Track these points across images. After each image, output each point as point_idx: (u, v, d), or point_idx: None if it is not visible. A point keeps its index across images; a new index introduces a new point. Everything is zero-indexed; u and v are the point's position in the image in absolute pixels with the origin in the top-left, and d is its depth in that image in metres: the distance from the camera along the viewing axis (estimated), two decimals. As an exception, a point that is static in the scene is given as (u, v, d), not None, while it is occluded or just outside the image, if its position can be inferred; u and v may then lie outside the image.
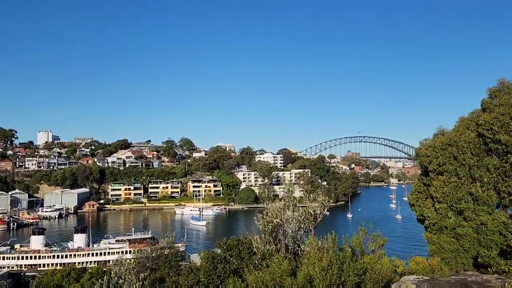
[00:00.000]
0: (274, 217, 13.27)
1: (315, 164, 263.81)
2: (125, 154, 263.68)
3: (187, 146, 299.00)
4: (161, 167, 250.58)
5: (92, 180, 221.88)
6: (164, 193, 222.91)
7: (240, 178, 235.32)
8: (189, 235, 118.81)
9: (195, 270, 15.94)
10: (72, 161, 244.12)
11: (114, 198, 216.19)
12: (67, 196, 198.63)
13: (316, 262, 10.54)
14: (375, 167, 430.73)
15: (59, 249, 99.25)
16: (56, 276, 44.91)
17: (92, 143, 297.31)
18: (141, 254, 53.24)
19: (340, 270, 10.53)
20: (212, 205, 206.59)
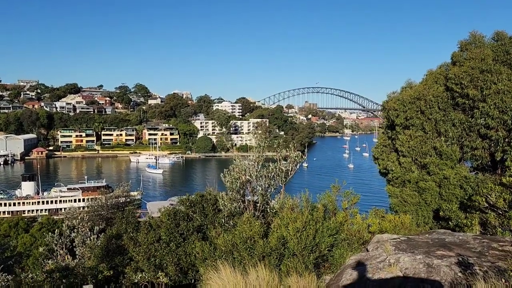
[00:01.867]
0: (242, 173, 12.28)
1: (273, 114, 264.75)
2: (75, 99, 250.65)
3: (142, 93, 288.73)
4: (114, 113, 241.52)
5: (40, 125, 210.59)
6: (118, 140, 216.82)
7: (198, 127, 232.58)
8: (145, 183, 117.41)
9: (155, 226, 14.92)
10: (16, 105, 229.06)
11: (65, 145, 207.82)
12: (12, 142, 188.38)
13: (290, 223, 9.77)
14: (331, 118, 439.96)
15: (6, 197, 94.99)
16: (2, 226, 42.75)
17: (38, 86, 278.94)
18: (96, 203, 51.82)
19: (314, 231, 9.85)
20: (168, 153, 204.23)
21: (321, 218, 10.76)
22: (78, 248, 21.99)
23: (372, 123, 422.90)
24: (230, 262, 9.31)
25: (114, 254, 15.22)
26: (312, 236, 9.79)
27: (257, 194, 12.83)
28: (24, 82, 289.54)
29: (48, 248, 22.79)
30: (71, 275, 12.41)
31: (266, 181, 12.77)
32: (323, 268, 10.07)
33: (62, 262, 20.06)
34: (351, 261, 9.05)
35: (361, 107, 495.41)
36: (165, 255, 13.40)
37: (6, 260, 21.68)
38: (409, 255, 8.43)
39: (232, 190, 12.84)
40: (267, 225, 11.23)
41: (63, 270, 12.77)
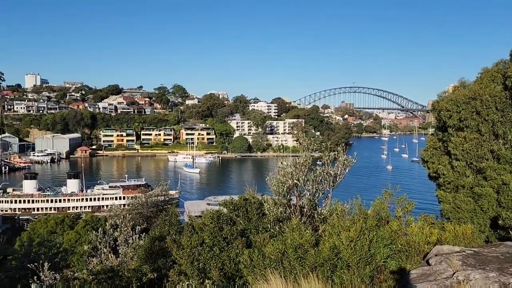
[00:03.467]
0: (289, 177, 11.78)
1: (309, 114, 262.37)
2: (116, 100, 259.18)
3: (179, 93, 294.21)
4: (153, 114, 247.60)
5: (84, 125, 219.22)
6: (157, 140, 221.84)
7: (234, 127, 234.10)
8: (183, 182, 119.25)
9: (198, 229, 14.67)
10: (62, 105, 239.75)
11: (107, 144, 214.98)
12: (59, 141, 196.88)
13: (342, 232, 9.16)
14: (368, 118, 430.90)
15: (53, 194, 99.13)
16: (50, 223, 44.41)
17: (82, 88, 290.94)
18: (136, 201, 52.89)
19: (369, 241, 9.19)
20: (205, 153, 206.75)
21: (375, 227, 10.10)
22: (121, 247, 22.24)
23: (411, 124, 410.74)
24: (280, 272, 8.86)
25: (157, 256, 15.14)
26: (367, 246, 9.16)
27: (304, 199, 12.30)
28: (70, 84, 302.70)
29: (92, 246, 23.24)
30: (117, 276, 12.37)
31: (313, 186, 12.21)
32: (377, 280, 9.42)
33: (105, 261, 20.36)
34: (412, 275, 8.37)
35: (400, 107, 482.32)
36: (209, 260, 13.12)
37: (53, 257, 22.25)
38: (480, 272, 7.64)
39: (278, 194, 12.38)
40: (315, 232, 10.69)
41: (108, 272, 12.77)
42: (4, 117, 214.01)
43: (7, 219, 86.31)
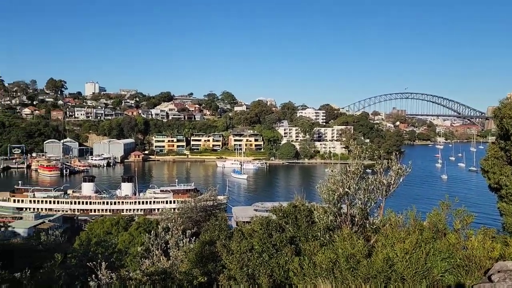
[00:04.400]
0: (339, 185, 11.60)
1: (358, 120, 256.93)
2: (168, 107, 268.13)
3: (228, 100, 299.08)
4: (203, 120, 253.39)
5: (137, 131, 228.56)
6: (206, 146, 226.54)
7: (281, 133, 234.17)
8: (231, 188, 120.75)
9: (247, 235, 14.78)
10: (118, 112, 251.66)
11: (158, 149, 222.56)
12: (114, 146, 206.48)
13: (397, 243, 8.87)
14: (421, 125, 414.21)
15: (108, 196, 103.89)
16: (106, 224, 46.57)
17: (137, 95, 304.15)
18: (186, 205, 54.15)
19: (425, 254, 8.82)
20: (253, 159, 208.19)
21: (431, 239, 9.69)
22: (172, 250, 22.90)
23: (469, 131, 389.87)
24: (332, 281, 8.72)
25: (207, 260, 15.42)
26: (424, 259, 8.80)
27: (356, 208, 12.06)
28: (125, 91, 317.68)
29: (145, 248, 24.11)
30: (169, 278, 12.73)
31: (365, 194, 11.94)
32: (433, 295, 9.01)
33: (157, 263, 21.03)
34: (473, 292, 7.92)
35: (456, 114, 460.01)
36: (258, 266, 13.17)
37: (109, 257, 23.27)
38: (549, 291, 7.10)
39: (329, 202, 12.22)
40: (367, 242, 10.43)
41: (161, 274, 13.18)
42: (66, 123, 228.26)
43: (67, 219, 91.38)
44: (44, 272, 14.27)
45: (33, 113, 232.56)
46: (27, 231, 65.27)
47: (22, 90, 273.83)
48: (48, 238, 25.18)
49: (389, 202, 13.09)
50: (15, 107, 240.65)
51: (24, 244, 38.33)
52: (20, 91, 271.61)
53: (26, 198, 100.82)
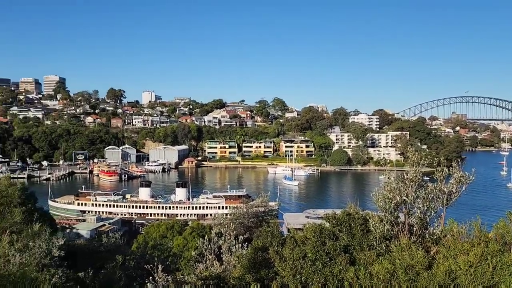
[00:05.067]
0: (396, 193, 11.18)
1: (414, 126, 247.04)
2: (220, 114, 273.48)
3: (279, 106, 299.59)
4: (254, 126, 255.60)
5: (191, 138, 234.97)
6: (257, 152, 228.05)
7: (333, 139, 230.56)
8: (282, 194, 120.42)
9: (300, 242, 14.63)
10: (172, 119, 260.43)
11: (211, 155, 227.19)
12: (169, 152, 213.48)
13: (459, 255, 8.38)
14: (484, 130, 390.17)
15: (163, 201, 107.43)
16: (161, 228, 48.15)
17: (190, 103, 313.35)
18: (238, 211, 54.69)
19: (492, 267, 8.25)
20: (304, 165, 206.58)
21: (499, 252, 9.06)
22: (224, 255, 23.20)
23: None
24: (389, 294, 8.41)
25: (260, 266, 15.43)
26: (490, 274, 8.25)
27: (414, 217, 11.55)
28: (179, 99, 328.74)
29: (199, 252, 24.62)
30: (223, 283, 12.89)
31: (424, 203, 11.41)
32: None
33: (211, 267, 21.39)
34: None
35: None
36: (311, 274, 12.98)
37: (165, 260, 23.99)
38: None
39: (385, 211, 11.81)
40: (427, 253, 9.94)
41: (215, 278, 13.37)
42: (124, 130, 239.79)
43: (126, 222, 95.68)
44: (106, 273, 14.96)
45: (95, 121, 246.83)
46: (90, 233, 68.97)
47: (86, 99, 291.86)
48: (108, 240, 26.42)
49: (450, 211, 12.43)
50: (79, 116, 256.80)
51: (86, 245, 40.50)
52: (83, 100, 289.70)
53: (89, 201, 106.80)
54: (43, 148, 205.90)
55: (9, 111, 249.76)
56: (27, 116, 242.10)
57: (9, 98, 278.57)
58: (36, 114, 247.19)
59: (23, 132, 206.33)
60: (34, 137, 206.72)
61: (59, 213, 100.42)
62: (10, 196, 21.47)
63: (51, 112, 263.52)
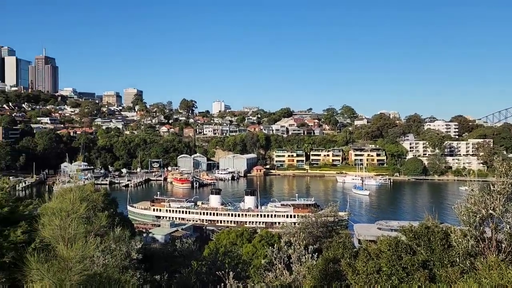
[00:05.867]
0: (482, 206, 10.33)
1: (498, 133, 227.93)
2: (288, 122, 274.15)
3: (348, 114, 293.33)
4: (322, 135, 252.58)
5: (259, 146, 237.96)
6: (325, 160, 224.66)
7: (406, 148, 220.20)
8: (352, 204, 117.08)
9: (374, 255, 14.06)
10: (241, 128, 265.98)
11: (279, 164, 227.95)
12: (238, 161, 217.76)
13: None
14: None
15: (233, 209, 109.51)
16: (231, 235, 49.05)
17: (258, 112, 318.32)
18: (306, 220, 54.05)
19: None
20: (375, 174, 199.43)
21: None
22: (294, 264, 22.98)
23: None
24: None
25: (331, 278, 15.06)
26: None
27: (503, 232, 10.58)
28: (248, 108, 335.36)
29: (268, 261, 24.67)
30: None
31: (515, 218, 10.41)
32: None
33: (280, 276, 21.30)
34: None
35: None
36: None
37: (235, 267, 24.31)
38: None
39: (469, 225, 10.96)
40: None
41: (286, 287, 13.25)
42: (196, 139, 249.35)
43: (197, 228, 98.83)
44: (181, 277, 15.47)
45: (169, 131, 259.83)
46: (164, 237, 72.15)
47: (160, 110, 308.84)
48: (182, 245, 27.37)
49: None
50: (155, 126, 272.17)
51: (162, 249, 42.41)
52: (158, 111, 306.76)
53: (163, 207, 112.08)
54: (122, 157, 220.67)
55: (94, 123, 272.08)
56: (109, 126, 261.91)
57: (94, 111, 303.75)
58: (117, 125, 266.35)
59: (106, 142, 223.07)
60: (115, 146, 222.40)
61: (137, 218, 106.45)
62: (95, 201, 23.14)
63: (129, 122, 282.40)
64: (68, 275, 6.27)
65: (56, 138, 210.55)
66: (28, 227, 12.20)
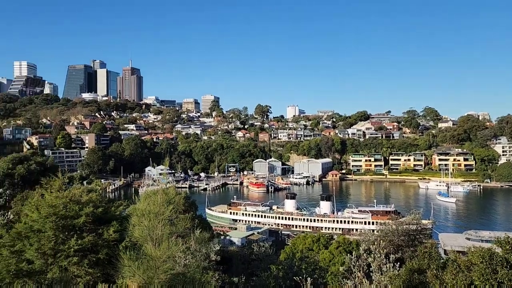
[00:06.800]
0: None
1: None
2: (364, 126, 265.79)
3: (431, 116, 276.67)
4: (402, 138, 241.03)
5: (334, 151, 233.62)
6: (406, 165, 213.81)
7: (499, 152, 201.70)
8: (436, 212, 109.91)
9: (464, 268, 13.02)
10: (316, 133, 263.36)
11: (355, 168, 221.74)
12: (313, 165, 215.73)
13: None
14: None
15: (308, 214, 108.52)
16: (307, 240, 48.58)
17: (333, 116, 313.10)
18: (386, 228, 51.78)
19: None
20: (462, 180, 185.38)
21: None
22: (374, 274, 22.05)
23: None
24: None
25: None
26: None
27: None
28: (322, 112, 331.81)
29: (346, 268, 23.97)
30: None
31: None
32: None
33: (359, 285, 20.55)
34: None
35: None
36: (480, 305, 11.40)
37: (312, 273, 23.98)
38: None
39: None
40: None
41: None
42: (270, 144, 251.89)
43: (272, 232, 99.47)
44: (259, 280, 15.60)
45: (244, 136, 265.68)
46: (241, 240, 73.57)
47: (236, 116, 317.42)
48: (259, 249, 27.64)
49: None
50: (231, 131, 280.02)
51: (238, 252, 43.30)
52: (235, 117, 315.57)
53: (240, 211, 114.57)
54: (201, 161, 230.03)
55: (174, 129, 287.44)
56: (188, 132, 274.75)
57: (174, 117, 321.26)
58: (196, 131, 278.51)
59: (185, 147, 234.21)
60: (194, 151, 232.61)
61: (214, 220, 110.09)
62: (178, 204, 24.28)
63: (207, 128, 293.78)
64: (156, 273, 6.61)
65: (141, 144, 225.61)
66: (119, 226, 13.15)
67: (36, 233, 11.93)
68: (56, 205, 12.25)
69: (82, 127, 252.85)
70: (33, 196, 25.71)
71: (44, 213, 11.99)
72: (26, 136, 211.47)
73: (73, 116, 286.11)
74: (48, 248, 11.50)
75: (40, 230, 11.95)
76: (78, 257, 11.66)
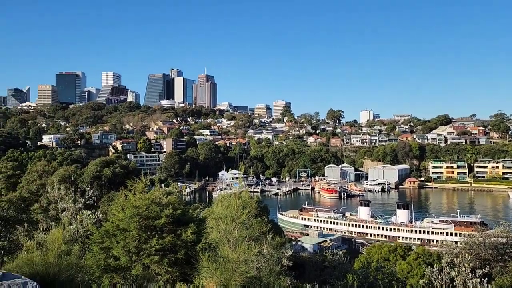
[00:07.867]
0: None
1: None
2: (446, 130, 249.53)
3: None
4: (489, 144, 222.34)
5: (412, 156, 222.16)
6: (494, 173, 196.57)
7: None
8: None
9: None
10: (391, 137, 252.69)
11: (435, 176, 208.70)
12: (388, 172, 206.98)
13: None
14: None
15: (384, 222, 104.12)
16: (383, 250, 46.56)
17: (411, 120, 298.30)
18: (472, 240, 48.00)
19: None
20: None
21: None
22: None
23: None
24: None
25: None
26: None
27: None
28: (399, 116, 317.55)
29: (427, 281, 22.55)
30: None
31: None
32: None
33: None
34: None
35: None
36: None
37: (389, 284, 22.94)
38: None
39: None
40: None
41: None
42: (343, 149, 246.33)
43: (345, 240, 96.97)
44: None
45: (316, 141, 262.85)
46: (313, 247, 72.72)
47: (308, 121, 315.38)
48: (333, 256, 27.07)
49: None
50: (302, 136, 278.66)
51: (311, 258, 42.74)
52: (306, 122, 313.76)
53: (311, 217, 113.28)
54: (272, 166, 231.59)
55: (247, 134, 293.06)
56: (260, 137, 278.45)
57: (247, 123, 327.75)
58: (267, 136, 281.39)
59: (257, 152, 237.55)
60: (266, 156, 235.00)
61: (286, 225, 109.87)
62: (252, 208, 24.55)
63: (279, 133, 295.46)
64: (233, 276, 6.70)
65: (215, 149, 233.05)
66: (196, 228, 13.64)
67: (122, 232, 12.80)
68: (140, 206, 13.02)
69: (160, 132, 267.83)
70: (118, 197, 27.64)
71: (129, 213, 12.82)
72: (111, 141, 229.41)
73: (152, 122, 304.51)
74: (132, 246, 12.27)
75: (126, 229, 12.80)
76: (158, 256, 12.27)
